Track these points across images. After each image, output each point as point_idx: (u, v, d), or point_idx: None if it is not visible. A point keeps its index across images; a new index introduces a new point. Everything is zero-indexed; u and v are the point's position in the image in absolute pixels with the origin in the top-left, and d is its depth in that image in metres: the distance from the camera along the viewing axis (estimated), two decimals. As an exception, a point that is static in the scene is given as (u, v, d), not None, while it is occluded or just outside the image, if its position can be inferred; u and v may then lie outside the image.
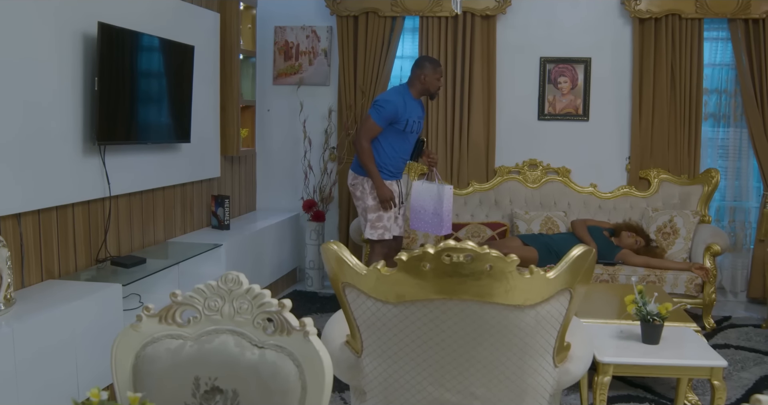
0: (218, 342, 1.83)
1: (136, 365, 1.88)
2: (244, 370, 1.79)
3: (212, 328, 1.86)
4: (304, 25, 6.56)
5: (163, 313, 1.88)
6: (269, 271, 5.95)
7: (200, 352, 1.83)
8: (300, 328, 1.78)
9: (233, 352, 1.81)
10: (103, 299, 3.70)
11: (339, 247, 2.42)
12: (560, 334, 2.43)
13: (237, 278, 1.83)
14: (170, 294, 1.87)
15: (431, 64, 5.15)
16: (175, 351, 1.85)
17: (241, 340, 1.82)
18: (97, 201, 4.29)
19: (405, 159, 5.29)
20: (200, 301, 1.86)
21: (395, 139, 5.14)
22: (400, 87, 5.24)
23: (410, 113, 5.10)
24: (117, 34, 4.12)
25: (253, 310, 1.82)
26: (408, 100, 5.11)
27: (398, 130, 5.09)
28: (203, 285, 1.85)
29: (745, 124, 6.19)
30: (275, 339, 1.80)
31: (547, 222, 5.98)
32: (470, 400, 2.45)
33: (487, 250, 2.24)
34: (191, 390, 1.82)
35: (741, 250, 6.40)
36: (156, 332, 1.89)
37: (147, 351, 1.87)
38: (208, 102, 5.54)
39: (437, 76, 5.14)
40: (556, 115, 6.40)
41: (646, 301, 3.34)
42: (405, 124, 5.08)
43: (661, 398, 4.08)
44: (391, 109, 5.00)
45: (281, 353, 1.78)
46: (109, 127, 4.11)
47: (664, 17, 6.06)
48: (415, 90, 5.16)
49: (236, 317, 1.84)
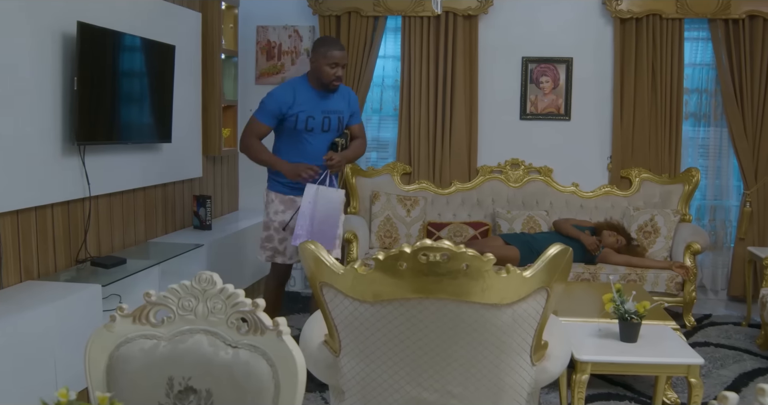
0: (192, 342, 1.83)
1: (109, 365, 1.87)
2: (217, 369, 1.79)
3: (186, 328, 1.86)
4: (287, 25, 6.56)
5: (137, 314, 1.88)
6: (252, 271, 5.94)
7: (174, 352, 1.83)
8: (273, 327, 1.78)
9: (207, 352, 1.81)
10: (83, 300, 3.69)
11: (316, 246, 2.42)
12: (537, 332, 2.44)
13: (211, 278, 1.82)
14: (144, 294, 1.87)
15: (324, 46, 4.21)
16: (149, 351, 1.85)
17: (214, 339, 1.82)
18: (77, 201, 4.27)
19: (311, 166, 4.25)
20: (174, 301, 1.86)
21: (290, 141, 4.34)
22: (298, 77, 4.42)
23: (303, 106, 4.23)
24: (97, 33, 4.10)
25: (227, 309, 1.82)
26: (301, 91, 4.26)
27: (291, 130, 4.29)
28: (177, 285, 1.85)
29: (725, 123, 6.23)
30: (249, 338, 1.80)
31: (529, 221, 6.00)
32: (447, 398, 2.46)
33: (464, 250, 2.25)
34: (165, 390, 1.82)
35: (721, 249, 6.45)
36: (130, 332, 1.88)
37: (121, 351, 1.87)
38: (190, 102, 5.52)
39: (329, 63, 4.17)
40: (538, 115, 6.42)
41: (624, 300, 3.36)
42: (295, 120, 4.23)
43: (641, 396, 4.10)
44: (271, 102, 4.25)
45: (255, 353, 1.78)
46: (88, 127, 4.09)
47: (645, 17, 6.10)
48: (312, 79, 4.30)
49: (210, 317, 1.84)
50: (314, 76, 4.27)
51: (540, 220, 6.02)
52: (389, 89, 6.61)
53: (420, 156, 6.39)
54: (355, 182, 6.28)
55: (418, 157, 6.40)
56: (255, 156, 4.40)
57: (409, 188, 6.35)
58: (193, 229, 5.63)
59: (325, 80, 4.22)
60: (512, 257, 5.35)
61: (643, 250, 5.77)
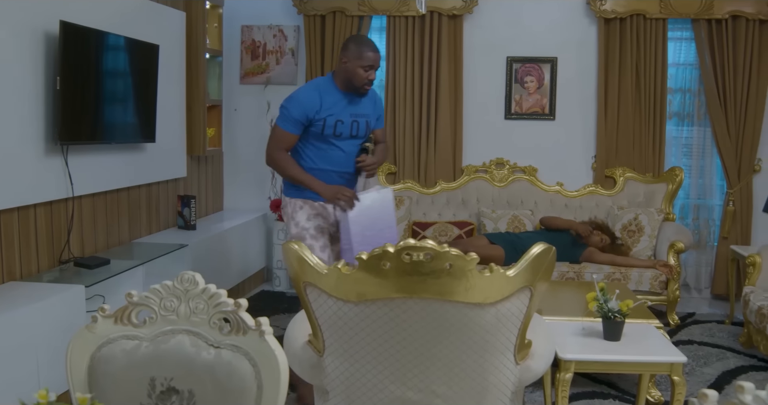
0: (174, 342, 1.82)
1: (91, 366, 1.86)
2: (200, 370, 1.78)
3: (168, 329, 1.85)
4: (271, 25, 6.55)
5: (119, 314, 1.87)
6: (236, 271, 5.93)
7: (156, 352, 1.82)
8: (256, 327, 1.77)
9: (189, 352, 1.80)
10: (66, 301, 3.66)
11: (300, 246, 2.42)
12: (521, 331, 2.45)
13: (193, 278, 1.82)
14: (126, 294, 1.86)
15: (359, 46, 3.85)
16: (131, 351, 1.84)
17: (197, 340, 1.82)
18: (60, 201, 4.25)
19: (342, 173, 4.02)
20: (156, 301, 1.85)
21: (316, 148, 3.95)
22: (322, 78, 4.05)
23: (331, 110, 3.88)
24: (80, 32, 4.08)
25: (209, 309, 1.82)
26: (328, 94, 3.89)
27: (317, 135, 3.90)
28: (159, 285, 1.84)
29: (708, 122, 6.27)
30: (231, 339, 1.79)
31: (514, 221, 6.01)
32: (432, 398, 2.46)
33: (447, 249, 2.25)
34: (147, 390, 1.81)
35: (705, 248, 6.48)
36: (111, 333, 1.87)
37: (102, 352, 1.86)
38: (174, 101, 5.50)
39: (363, 65, 3.82)
40: (523, 115, 6.44)
41: (607, 299, 3.38)
42: (322, 125, 3.86)
43: (625, 394, 4.12)
44: (295, 107, 3.84)
45: (237, 353, 1.77)
46: (71, 127, 4.07)
47: (629, 17, 6.13)
48: (340, 80, 3.93)
49: (192, 317, 1.83)
50: (343, 78, 3.89)
51: (525, 220, 6.03)
52: (374, 89, 6.58)
53: (405, 156, 6.40)
54: (341, 182, 6.27)
55: (403, 156, 6.40)
56: (285, 172, 3.92)
57: (394, 188, 6.35)
58: (178, 230, 5.62)
59: (357, 83, 3.86)
60: (497, 257, 5.36)
61: (627, 248, 5.79)
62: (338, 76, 3.92)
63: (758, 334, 4.65)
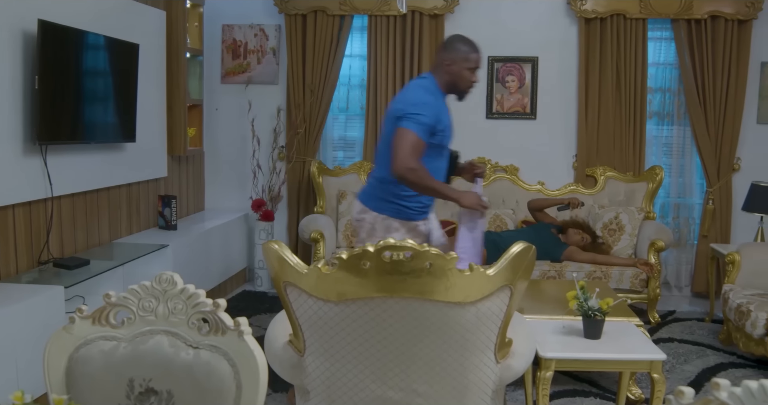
0: (153, 343, 1.81)
1: (69, 367, 1.85)
2: (178, 370, 1.77)
3: (147, 329, 1.84)
4: (252, 24, 6.53)
5: (97, 315, 1.86)
6: (218, 271, 5.91)
7: (134, 353, 1.81)
8: (234, 327, 1.77)
9: (168, 353, 1.79)
10: (45, 302, 3.64)
11: (280, 246, 2.41)
12: (501, 330, 2.45)
13: (171, 278, 1.81)
14: (104, 295, 1.85)
15: (464, 46, 3.62)
16: (109, 352, 1.83)
17: (175, 340, 1.81)
18: (39, 202, 4.21)
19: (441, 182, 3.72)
20: (134, 301, 1.84)
21: (431, 159, 3.60)
22: (425, 80, 3.69)
23: (446, 117, 3.66)
24: (58, 31, 4.05)
25: (188, 310, 1.81)
26: (440, 99, 3.67)
27: (434, 145, 3.59)
28: (137, 286, 1.83)
29: (688, 122, 6.31)
30: (210, 339, 1.79)
31: (496, 219, 6.03)
32: (413, 397, 2.46)
33: (427, 248, 2.25)
34: (125, 391, 1.80)
35: (685, 246, 6.53)
36: (89, 334, 1.86)
37: (80, 353, 1.85)
38: (154, 101, 5.47)
39: (470, 67, 3.63)
40: (504, 114, 6.46)
41: (587, 297, 3.39)
42: (442, 133, 3.62)
43: (606, 392, 4.14)
44: (430, 113, 3.50)
45: (216, 353, 1.77)
46: (50, 127, 4.04)
47: (609, 17, 6.16)
48: (442, 82, 3.66)
49: (171, 317, 1.83)
50: (447, 81, 3.64)
51: (506, 219, 6.05)
52: (356, 88, 6.61)
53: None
54: (322, 181, 6.26)
55: (385, 156, 6.39)
56: (423, 183, 3.49)
57: (375, 187, 6.34)
58: (159, 230, 5.59)
59: (463, 86, 3.66)
60: (479, 256, 5.36)
61: (608, 247, 5.82)
62: (440, 78, 3.65)
63: (737, 331, 4.69)
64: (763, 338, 4.34)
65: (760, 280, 4.92)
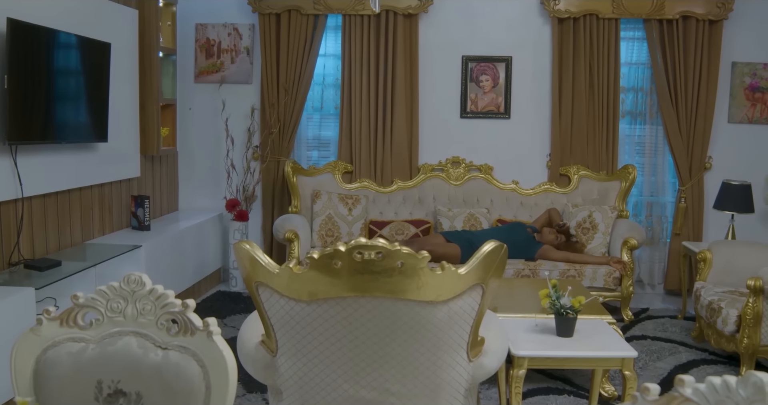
0: (121, 344, 1.80)
1: (36, 370, 1.83)
2: (147, 371, 1.76)
3: (115, 330, 1.82)
4: (226, 23, 6.50)
5: (64, 316, 1.84)
6: (192, 272, 5.87)
7: (103, 354, 1.80)
8: (203, 328, 1.76)
9: (136, 354, 1.78)
10: (15, 304, 3.60)
11: (251, 246, 2.40)
12: (473, 328, 2.46)
13: (140, 279, 1.80)
14: (71, 296, 1.83)
15: None
16: (77, 354, 1.81)
17: (144, 341, 1.80)
18: (9, 202, 4.17)
19: None
20: (102, 303, 1.82)
21: None
22: None
23: None
24: (28, 30, 4.01)
25: (157, 311, 1.79)
26: None
27: None
28: (105, 286, 1.82)
29: (660, 121, 6.37)
30: (179, 340, 1.78)
31: (470, 219, 6.04)
32: (386, 396, 2.46)
33: (398, 247, 2.25)
34: (94, 393, 1.79)
35: (658, 244, 6.58)
36: (57, 336, 1.84)
37: (48, 355, 1.83)
38: (127, 100, 5.43)
39: None
40: (478, 113, 6.48)
41: (560, 295, 3.41)
42: None
43: (580, 390, 4.17)
44: None
45: (185, 354, 1.75)
46: (20, 127, 4.00)
47: (582, 17, 6.20)
48: None
49: (139, 318, 1.81)
50: None
51: (481, 218, 6.06)
52: (330, 88, 6.60)
53: (361, 154, 6.40)
54: (296, 181, 6.25)
55: (360, 155, 6.40)
56: None
57: (350, 187, 6.35)
58: (132, 230, 5.55)
59: None
60: (453, 255, 5.38)
61: (582, 246, 5.86)
62: None
63: (709, 328, 4.73)
64: (734, 335, 4.39)
65: (731, 278, 4.97)
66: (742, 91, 6.31)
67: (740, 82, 6.30)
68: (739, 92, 6.31)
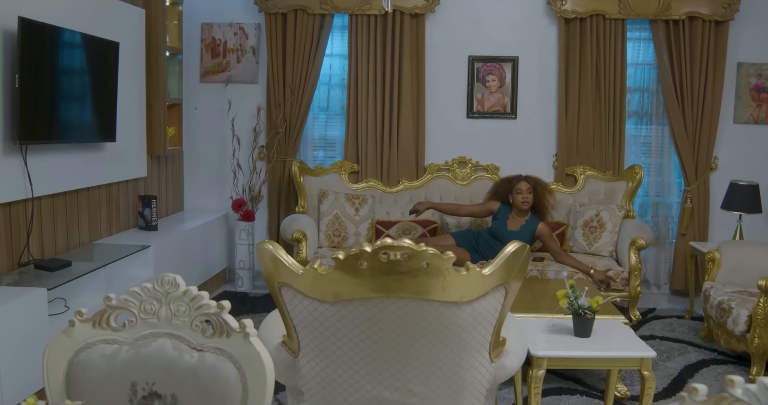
0: (155, 346, 1.79)
1: (69, 373, 1.82)
2: (182, 373, 1.75)
3: (149, 332, 1.81)
4: (232, 22, 6.48)
5: (97, 318, 1.83)
6: (198, 272, 5.86)
7: (137, 356, 1.79)
8: (240, 329, 1.75)
9: (171, 356, 1.77)
10: (27, 304, 3.58)
11: (274, 246, 2.39)
12: (496, 329, 2.46)
13: (174, 280, 1.78)
14: (104, 297, 1.81)
15: None
16: (111, 356, 1.80)
17: (179, 343, 1.78)
18: (19, 202, 4.15)
19: None
20: (135, 304, 1.81)
21: None
22: None
23: None
24: (39, 29, 3.99)
25: (191, 312, 1.78)
26: None
27: None
28: (138, 288, 1.80)
29: (666, 121, 6.37)
30: (214, 341, 1.76)
31: (477, 219, 6.04)
32: (408, 397, 2.45)
33: (424, 248, 2.25)
34: (128, 396, 1.78)
35: (664, 244, 6.59)
36: (90, 338, 1.83)
37: (81, 357, 1.81)
38: (134, 100, 5.41)
39: None
40: (485, 113, 6.47)
41: (577, 296, 3.40)
42: None
43: (592, 390, 4.16)
44: None
45: (221, 356, 1.74)
46: (30, 126, 3.98)
47: (588, 17, 6.19)
48: None
49: (173, 320, 1.80)
50: None
51: (487, 218, 6.05)
52: (336, 87, 6.59)
53: (367, 154, 6.38)
54: (303, 181, 6.23)
55: (366, 155, 6.39)
56: None
57: (356, 187, 6.34)
58: (139, 230, 5.53)
59: None
60: (464, 260, 5.36)
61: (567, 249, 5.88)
62: None
63: (718, 328, 4.73)
64: (744, 335, 4.39)
65: (740, 278, 4.97)
66: (748, 91, 6.32)
67: (746, 83, 6.31)
68: (744, 92, 6.32)
